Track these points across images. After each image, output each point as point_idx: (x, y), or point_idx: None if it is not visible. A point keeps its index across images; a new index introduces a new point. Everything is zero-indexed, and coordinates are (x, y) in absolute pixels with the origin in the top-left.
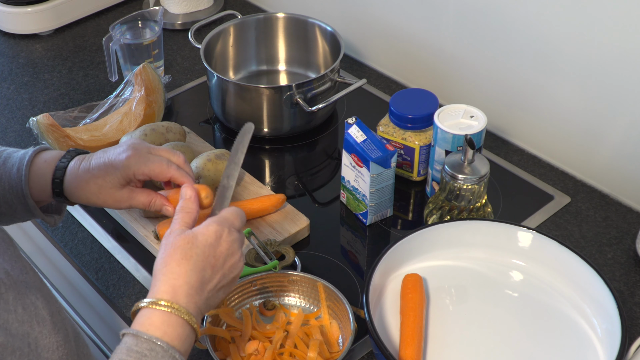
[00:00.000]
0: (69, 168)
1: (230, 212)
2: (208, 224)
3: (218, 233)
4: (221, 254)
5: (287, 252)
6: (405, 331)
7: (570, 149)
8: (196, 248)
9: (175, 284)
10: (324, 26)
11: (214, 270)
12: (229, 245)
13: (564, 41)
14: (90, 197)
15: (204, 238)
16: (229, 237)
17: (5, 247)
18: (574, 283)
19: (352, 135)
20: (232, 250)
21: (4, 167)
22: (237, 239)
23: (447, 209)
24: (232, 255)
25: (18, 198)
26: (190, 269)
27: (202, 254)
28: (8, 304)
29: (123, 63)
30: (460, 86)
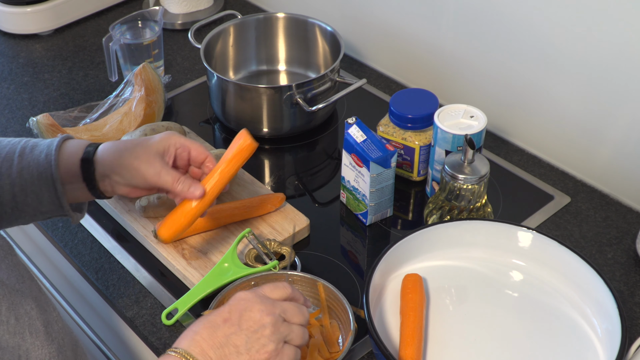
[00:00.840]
0: (101, 146)
1: (268, 285)
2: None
3: (240, 295)
4: (236, 309)
5: (287, 252)
6: (405, 331)
7: (570, 149)
8: (222, 306)
9: (189, 335)
10: (324, 26)
11: (227, 324)
12: (249, 304)
13: (564, 41)
14: (124, 162)
15: (228, 301)
16: (253, 298)
17: (3, 255)
18: (574, 283)
19: (352, 135)
20: (252, 308)
21: (32, 155)
22: (263, 301)
23: (447, 209)
24: (250, 310)
25: (47, 185)
26: (200, 321)
27: (218, 310)
28: (0, 315)
29: (123, 63)
30: (460, 86)
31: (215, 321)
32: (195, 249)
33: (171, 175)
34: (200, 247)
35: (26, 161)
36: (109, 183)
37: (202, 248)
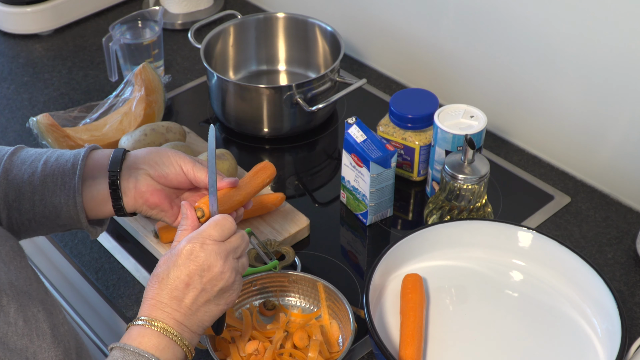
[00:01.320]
0: (130, 152)
1: (207, 224)
2: (182, 242)
3: (189, 250)
4: (195, 270)
5: (287, 252)
6: (405, 331)
7: (570, 149)
8: (170, 268)
9: (150, 303)
10: (324, 26)
11: (189, 287)
12: (204, 260)
13: (565, 41)
14: (160, 152)
15: (174, 257)
16: (202, 251)
17: (13, 256)
18: (574, 283)
19: (352, 135)
20: (209, 263)
21: (57, 163)
22: (214, 250)
23: (447, 209)
24: (208, 269)
25: (67, 196)
26: (160, 287)
27: (173, 273)
28: (9, 317)
29: (123, 63)
30: (460, 86)
31: (178, 288)
32: None
33: (205, 169)
34: None
35: (51, 169)
36: (134, 178)
37: None
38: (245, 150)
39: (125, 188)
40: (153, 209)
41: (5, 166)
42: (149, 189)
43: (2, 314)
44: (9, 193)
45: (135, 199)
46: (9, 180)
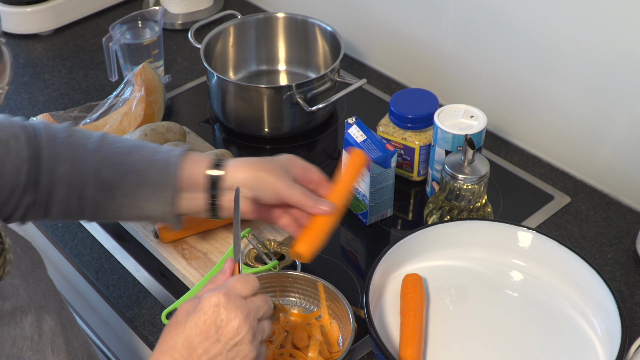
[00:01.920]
0: (230, 160)
1: (232, 278)
2: (206, 292)
3: (210, 300)
4: (213, 320)
5: (287, 252)
6: (405, 331)
7: (570, 149)
8: (189, 315)
9: (163, 349)
10: (324, 26)
11: (204, 337)
12: (223, 311)
13: (564, 41)
14: (257, 173)
15: (199, 305)
16: (224, 302)
17: (32, 268)
18: (574, 283)
19: (352, 135)
20: (228, 317)
21: (149, 171)
22: (236, 304)
23: (447, 209)
24: (227, 321)
25: (159, 204)
26: (176, 333)
27: (192, 321)
28: (24, 331)
29: (123, 63)
30: (460, 86)
31: (192, 336)
32: (195, 249)
33: (301, 190)
34: (200, 247)
35: (141, 176)
36: (231, 195)
37: (202, 248)
38: (245, 150)
39: (222, 204)
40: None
41: (93, 165)
42: (245, 209)
43: (18, 329)
44: (98, 193)
45: (231, 213)
46: (99, 181)
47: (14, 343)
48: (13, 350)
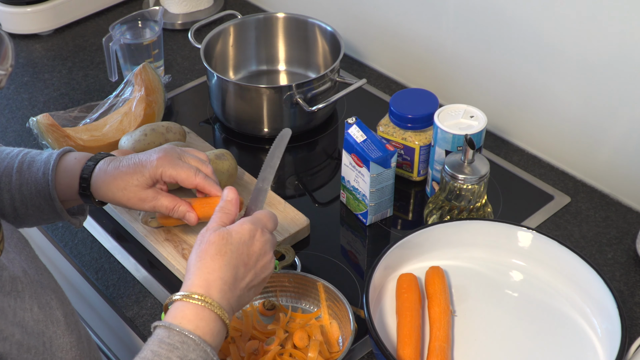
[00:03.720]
0: (98, 166)
1: (264, 214)
2: (242, 222)
3: (252, 232)
4: (254, 252)
5: (287, 252)
6: (403, 331)
7: (570, 149)
8: (230, 245)
9: (209, 278)
10: (324, 26)
11: (247, 268)
12: (262, 245)
13: (564, 41)
14: (116, 193)
15: (238, 236)
16: (262, 237)
17: (22, 247)
18: (574, 283)
19: (352, 135)
20: (265, 250)
21: (29, 172)
22: (269, 240)
23: (447, 209)
24: (264, 255)
25: (45, 200)
26: (224, 264)
27: (237, 250)
28: (24, 302)
29: (123, 63)
30: (460, 86)
31: (237, 265)
32: None
33: (167, 201)
34: None
35: (24, 178)
36: (105, 198)
37: None
38: (245, 150)
39: (102, 201)
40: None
41: None
42: (123, 204)
43: (18, 300)
44: None
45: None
46: None
47: (15, 314)
48: (16, 319)
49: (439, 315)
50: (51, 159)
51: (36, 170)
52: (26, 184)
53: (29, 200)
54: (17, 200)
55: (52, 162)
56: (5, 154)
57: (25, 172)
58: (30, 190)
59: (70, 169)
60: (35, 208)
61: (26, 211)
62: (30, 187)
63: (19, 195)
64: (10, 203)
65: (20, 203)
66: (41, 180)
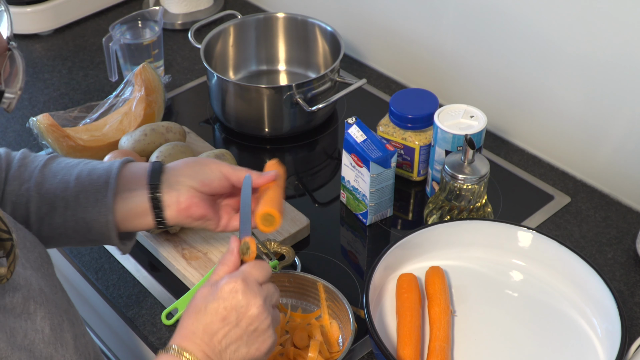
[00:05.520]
0: (169, 164)
1: (249, 265)
2: (224, 278)
3: (230, 286)
4: (234, 305)
5: (287, 252)
6: (403, 331)
7: (570, 149)
8: (208, 301)
9: (183, 333)
10: (324, 26)
11: (224, 322)
12: (242, 297)
13: (564, 41)
14: (200, 161)
15: (214, 291)
16: (243, 288)
17: (41, 263)
18: (574, 283)
19: (352, 135)
20: (248, 302)
21: (90, 178)
22: (254, 290)
23: (447, 209)
24: (247, 306)
25: (99, 213)
26: (197, 319)
27: (211, 306)
28: (35, 324)
29: (123, 63)
30: (460, 86)
31: (212, 322)
32: (195, 249)
33: (244, 168)
34: (200, 247)
35: (82, 184)
36: (176, 191)
37: (202, 248)
38: (245, 150)
39: (167, 202)
40: (197, 220)
41: (38, 180)
42: (192, 201)
43: (29, 322)
44: (41, 207)
45: (178, 212)
46: (41, 194)
47: (25, 335)
48: (25, 342)
49: (439, 315)
50: (114, 165)
51: (97, 177)
52: (84, 191)
53: (80, 217)
54: (70, 208)
55: (115, 168)
56: (65, 163)
57: (86, 179)
58: (87, 197)
59: (136, 168)
60: (85, 223)
61: (75, 225)
62: (88, 195)
63: (74, 203)
64: (63, 212)
65: (72, 213)
66: (102, 187)
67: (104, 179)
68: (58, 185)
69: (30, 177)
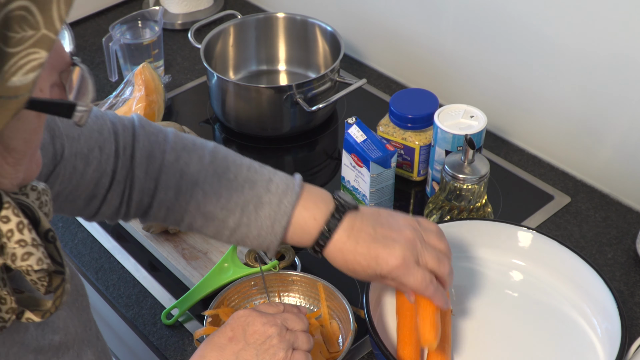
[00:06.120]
0: (338, 230)
1: (262, 303)
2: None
3: (237, 314)
4: (239, 325)
5: (287, 252)
6: (402, 331)
7: (570, 149)
8: (217, 330)
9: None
10: (324, 26)
11: (233, 342)
12: (246, 318)
13: (564, 41)
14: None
15: (227, 321)
16: (247, 313)
17: (76, 297)
18: (574, 283)
19: (352, 135)
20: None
21: (256, 214)
22: (258, 314)
23: (447, 209)
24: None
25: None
26: (205, 344)
27: (219, 332)
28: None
29: (123, 63)
30: (460, 86)
31: (220, 342)
32: (195, 249)
33: (421, 273)
34: (200, 247)
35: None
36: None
37: (202, 248)
38: (245, 150)
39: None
40: None
41: None
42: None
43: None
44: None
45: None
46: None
47: None
48: None
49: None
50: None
51: (264, 218)
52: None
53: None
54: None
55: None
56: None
57: (252, 214)
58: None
59: (305, 227)
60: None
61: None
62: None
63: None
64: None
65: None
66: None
67: (268, 230)
68: (219, 211)
69: (186, 188)
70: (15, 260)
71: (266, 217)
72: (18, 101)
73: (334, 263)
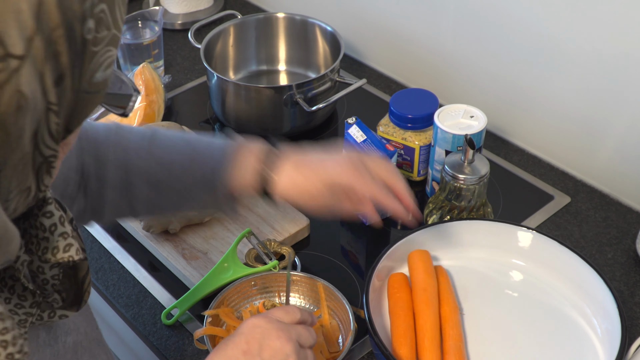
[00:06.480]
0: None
1: (274, 309)
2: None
3: (251, 322)
4: (255, 339)
5: (287, 252)
6: (397, 331)
7: (570, 149)
8: (227, 339)
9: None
10: (324, 26)
11: (247, 356)
12: (264, 330)
13: (565, 41)
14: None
15: (239, 329)
16: (265, 324)
17: None
18: (574, 283)
19: (352, 135)
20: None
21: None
22: (277, 326)
23: (447, 209)
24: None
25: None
26: (218, 355)
27: (233, 342)
28: None
29: (123, 63)
30: (460, 86)
31: (234, 354)
32: (195, 249)
33: (372, 179)
34: (200, 247)
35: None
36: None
37: (202, 248)
38: None
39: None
40: None
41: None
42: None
43: None
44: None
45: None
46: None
47: None
48: None
49: (449, 314)
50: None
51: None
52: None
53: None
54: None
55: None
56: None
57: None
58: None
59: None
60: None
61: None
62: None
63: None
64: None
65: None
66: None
67: (212, 178)
68: (165, 177)
69: (134, 163)
70: (56, 253)
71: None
72: (100, 96)
73: (288, 197)
